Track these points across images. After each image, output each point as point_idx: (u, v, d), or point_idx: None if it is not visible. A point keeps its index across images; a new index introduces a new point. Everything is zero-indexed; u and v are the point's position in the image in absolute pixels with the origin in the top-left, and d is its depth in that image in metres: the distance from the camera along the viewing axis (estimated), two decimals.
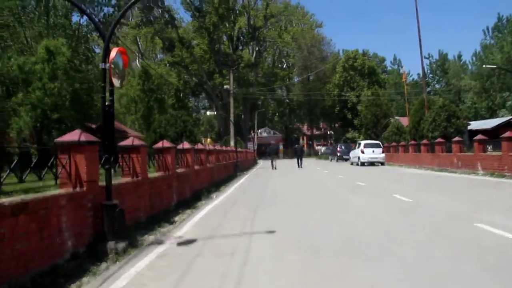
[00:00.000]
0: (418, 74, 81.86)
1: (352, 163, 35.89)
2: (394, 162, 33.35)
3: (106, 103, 7.09)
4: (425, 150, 27.45)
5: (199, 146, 16.93)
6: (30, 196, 5.49)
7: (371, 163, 32.94)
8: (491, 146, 22.66)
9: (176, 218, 10.09)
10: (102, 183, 7.10)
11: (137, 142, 9.44)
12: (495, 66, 51.12)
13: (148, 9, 60.74)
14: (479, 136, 20.97)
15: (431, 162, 26.03)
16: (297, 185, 17.93)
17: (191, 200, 13.16)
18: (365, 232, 7.20)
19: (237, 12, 65.13)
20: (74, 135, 6.65)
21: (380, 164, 32.96)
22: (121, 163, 9.00)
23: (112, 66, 6.86)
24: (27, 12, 35.03)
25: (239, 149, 34.65)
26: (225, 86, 50.99)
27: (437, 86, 75.45)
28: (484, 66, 54.73)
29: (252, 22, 68.25)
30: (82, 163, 6.59)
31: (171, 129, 20.18)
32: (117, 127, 41.18)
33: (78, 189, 6.53)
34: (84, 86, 40.48)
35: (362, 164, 32.82)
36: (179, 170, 13.21)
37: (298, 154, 36.09)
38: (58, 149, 6.63)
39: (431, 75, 76.25)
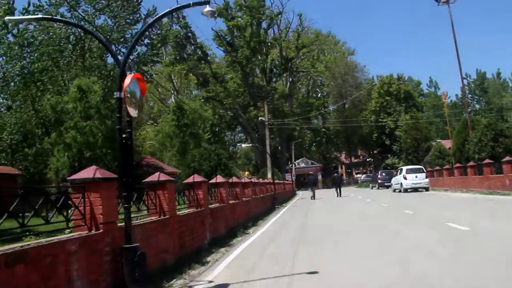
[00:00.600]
0: (457, 95, 79.72)
1: (394, 190, 34.33)
2: (438, 187, 31.68)
3: (124, 135, 6.41)
4: (472, 172, 25.86)
5: (234, 179, 16.14)
6: (33, 241, 4.79)
7: (415, 189, 31.40)
8: None
9: (209, 258, 9.23)
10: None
11: (163, 177, 8.72)
12: None
13: (181, 46, 61.44)
14: None
15: (479, 185, 24.44)
16: (340, 216, 16.83)
17: (226, 237, 12.30)
18: (427, 271, 6.12)
19: (269, 44, 65.16)
20: (88, 172, 5.97)
21: (424, 190, 31.34)
22: (146, 201, 8.28)
23: (128, 94, 6.19)
24: (64, 56, 35.51)
25: (276, 181, 33.73)
26: (260, 118, 50.39)
27: (477, 106, 73.07)
28: None
29: (284, 53, 68.21)
30: (97, 202, 5.87)
31: (205, 163, 19.47)
32: (155, 163, 41.07)
33: (93, 231, 5.80)
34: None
35: (405, 190, 31.30)
36: (213, 206, 12.42)
37: (337, 183, 35.89)
38: (72, 188, 5.99)
39: (470, 95, 73.99)
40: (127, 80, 6.17)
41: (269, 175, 35.92)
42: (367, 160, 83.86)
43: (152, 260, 7.32)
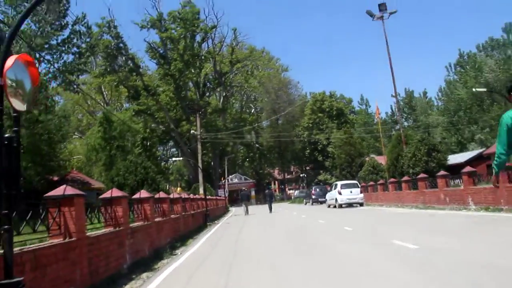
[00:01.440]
0: (386, 112, 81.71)
1: (329, 206, 33.79)
2: (373, 202, 31.49)
3: (6, 135, 4.88)
4: (406, 187, 25.65)
5: (161, 194, 14.62)
6: None
7: (349, 205, 31.00)
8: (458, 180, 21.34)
9: (126, 287, 7.76)
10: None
11: (70, 191, 7.17)
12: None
13: (112, 57, 58.93)
14: (467, 168, 19.29)
15: (414, 200, 24.21)
16: (276, 234, 15.67)
17: (150, 259, 10.81)
18: None
19: (203, 58, 63.84)
20: None
21: (359, 205, 30.99)
22: (48, 220, 6.71)
23: (11, 82, 4.70)
24: None
25: (209, 197, 32.29)
26: (191, 131, 48.85)
27: (405, 123, 75.20)
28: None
29: (218, 68, 67.22)
30: None
31: (130, 177, 17.79)
32: (81, 178, 38.47)
33: None
34: (43, 137, 38.02)
35: (340, 206, 30.80)
36: (135, 224, 10.89)
37: (269, 199, 36.51)
38: None
39: (398, 113, 75.93)
40: (9, 62, 4.66)
41: (201, 191, 34.36)
42: (300, 176, 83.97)
43: None
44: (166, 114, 61.62)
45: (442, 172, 21.63)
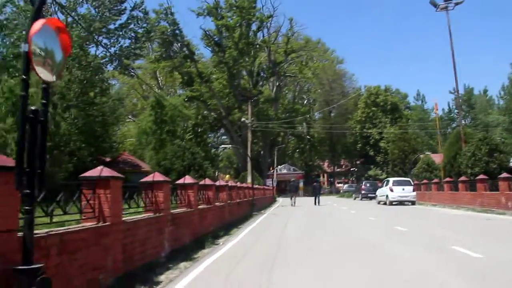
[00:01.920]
0: (443, 109, 78.66)
1: (379, 202, 32.59)
2: (425, 201, 30.09)
3: (33, 108, 4.39)
4: (463, 188, 24.22)
5: (207, 181, 14.17)
6: None
7: (400, 202, 29.75)
8: None
9: (162, 277, 7.30)
10: None
11: (106, 173, 6.73)
12: None
13: (167, 43, 59.38)
14: None
15: (471, 202, 22.81)
16: (322, 229, 14.96)
17: (190, 248, 10.34)
18: None
19: (258, 47, 63.27)
20: None
21: (410, 204, 29.69)
22: (81, 202, 6.30)
23: (38, 49, 4.20)
24: None
25: (256, 186, 31.85)
26: (242, 119, 48.44)
27: (463, 121, 72.08)
28: None
29: (272, 57, 66.45)
30: None
31: (177, 161, 17.46)
32: (132, 161, 38.88)
33: None
34: (98, 118, 38.66)
35: (391, 203, 29.60)
36: (177, 211, 10.46)
37: (316, 192, 36.29)
38: None
39: (456, 111, 73.01)
40: (36, 26, 4.15)
41: (249, 180, 33.94)
42: (350, 169, 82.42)
43: (76, 283, 5.38)
44: (218, 102, 61.58)
45: (504, 174, 20.16)
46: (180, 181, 11.70)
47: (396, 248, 9.69)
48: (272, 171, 66.58)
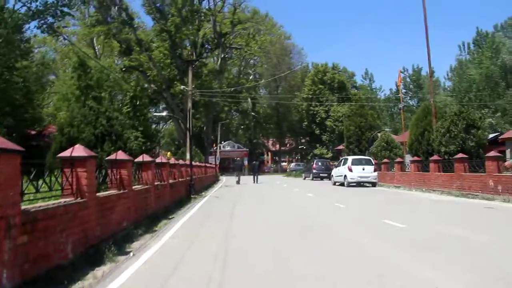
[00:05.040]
0: (391, 89, 76.04)
1: (335, 183, 28.65)
2: (387, 182, 26.44)
3: None
4: (435, 168, 20.54)
5: (120, 155, 9.40)
6: None
7: (358, 183, 26.01)
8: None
9: None
10: None
11: None
12: None
13: (104, 8, 52.78)
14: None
15: (446, 184, 19.16)
16: (282, 222, 10.64)
17: (74, 265, 5.75)
18: None
19: (202, 15, 57.61)
20: None
21: (370, 185, 25.98)
22: None
23: None
24: None
25: (197, 163, 27.15)
26: (182, 87, 43.26)
27: (410, 102, 69.92)
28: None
29: (218, 28, 61.06)
30: None
31: (87, 129, 12.46)
32: (51, 132, 32.99)
33: None
34: (18, 85, 32.62)
35: (349, 184, 25.75)
36: (44, 206, 5.71)
37: (255, 171, 37.04)
38: None
39: (404, 91, 70.64)
40: None
41: (188, 156, 29.07)
42: (294, 148, 79.01)
43: None
44: (159, 73, 55.73)
45: (493, 153, 16.54)
46: (65, 153, 6.97)
47: (427, 273, 5.38)
48: (215, 148, 61.81)
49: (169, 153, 60.42)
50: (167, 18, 54.55)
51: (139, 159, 11.66)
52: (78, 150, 7.06)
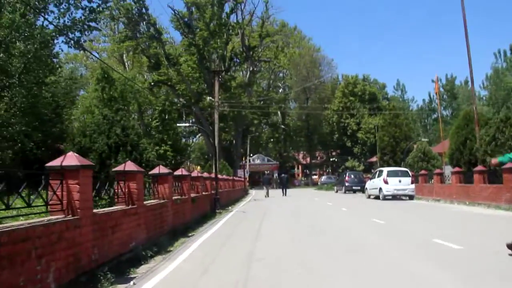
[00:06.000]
0: (424, 99, 73.56)
1: (369, 196, 26.92)
2: (425, 195, 24.55)
3: None
4: (480, 180, 18.72)
5: (128, 166, 8.19)
6: None
7: (394, 196, 24.27)
8: None
9: None
10: None
11: None
12: None
13: (133, 23, 52.62)
14: None
15: (494, 197, 17.30)
16: (315, 242, 9.24)
17: None
18: None
19: (230, 29, 56.77)
20: None
21: (408, 198, 24.19)
22: None
23: None
24: None
25: (224, 176, 25.94)
26: (208, 98, 42.31)
27: (444, 112, 67.35)
28: None
29: (246, 41, 60.26)
30: None
31: (100, 138, 11.37)
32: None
33: None
34: (46, 100, 32.28)
35: (384, 197, 24.04)
36: (21, 224, 4.53)
37: (284, 184, 37.38)
38: None
39: (437, 101, 68.05)
40: None
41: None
42: (325, 161, 77.12)
43: None
44: (187, 86, 55.17)
45: None
46: (54, 162, 5.80)
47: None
48: (244, 161, 60.61)
49: (198, 167, 59.60)
50: (195, 32, 54.07)
51: (155, 171, 10.48)
52: (70, 159, 5.86)
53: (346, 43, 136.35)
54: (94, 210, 6.41)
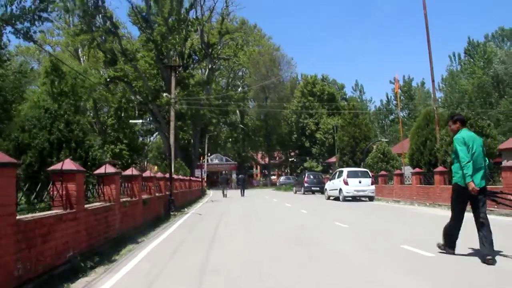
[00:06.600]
0: (381, 100, 74.60)
1: (328, 197, 26.46)
2: (385, 196, 24.32)
3: None
4: (441, 181, 18.48)
5: (67, 165, 7.18)
6: None
7: (353, 198, 23.91)
8: None
9: None
10: None
11: None
12: None
13: (89, 16, 50.47)
14: None
15: None
16: (275, 249, 8.50)
17: None
18: None
19: (189, 24, 55.39)
20: None
21: (367, 199, 23.86)
22: None
23: None
24: None
25: (180, 176, 24.91)
26: (164, 94, 41.02)
27: (400, 113, 68.35)
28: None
29: (205, 38, 59.16)
30: None
31: (41, 134, 10.24)
32: None
33: None
34: None
35: (344, 198, 23.61)
36: None
37: (241, 184, 37.13)
38: None
39: (395, 102, 68.96)
40: None
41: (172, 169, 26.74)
42: (284, 161, 76.87)
43: None
44: (144, 83, 53.52)
45: (511, 163, 14.56)
46: None
47: None
48: (202, 161, 59.49)
49: (156, 167, 58.00)
50: (153, 27, 52.54)
51: (101, 170, 9.48)
52: None
53: (304, 42, 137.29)
54: (19, 217, 5.43)
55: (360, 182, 23.48)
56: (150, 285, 5.64)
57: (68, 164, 7.28)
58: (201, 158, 60.73)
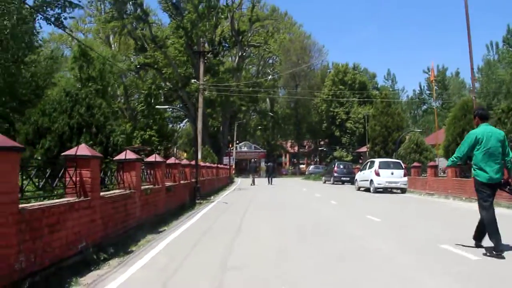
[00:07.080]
0: (414, 90, 72.78)
1: (359, 188, 25.59)
2: (418, 189, 23.30)
3: None
4: None
5: (81, 150, 6.71)
6: None
7: (385, 189, 22.98)
8: None
9: None
10: None
11: None
12: None
13: (119, 4, 50.48)
14: None
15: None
16: (303, 245, 7.90)
17: None
18: None
19: (220, 11, 54.81)
20: None
21: (400, 191, 22.93)
22: None
23: None
24: None
25: (206, 164, 24.50)
26: (193, 81, 40.67)
27: (433, 104, 66.44)
28: None
29: (236, 25, 58.51)
30: None
31: (61, 118, 9.86)
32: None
33: None
34: (26, 80, 30.46)
35: (375, 190, 22.71)
36: None
37: (270, 172, 37.51)
38: None
39: (428, 92, 67.05)
40: None
41: (200, 156, 26.40)
42: (313, 150, 75.96)
43: None
44: (174, 70, 53.36)
45: None
46: None
47: None
48: (231, 148, 59.16)
49: (185, 154, 58.01)
50: (183, 14, 52.19)
51: (121, 156, 9.03)
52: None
53: (337, 30, 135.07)
54: (23, 205, 4.97)
55: (392, 174, 22.53)
56: (164, 283, 5.11)
57: (83, 149, 6.80)
58: (230, 146, 60.41)
